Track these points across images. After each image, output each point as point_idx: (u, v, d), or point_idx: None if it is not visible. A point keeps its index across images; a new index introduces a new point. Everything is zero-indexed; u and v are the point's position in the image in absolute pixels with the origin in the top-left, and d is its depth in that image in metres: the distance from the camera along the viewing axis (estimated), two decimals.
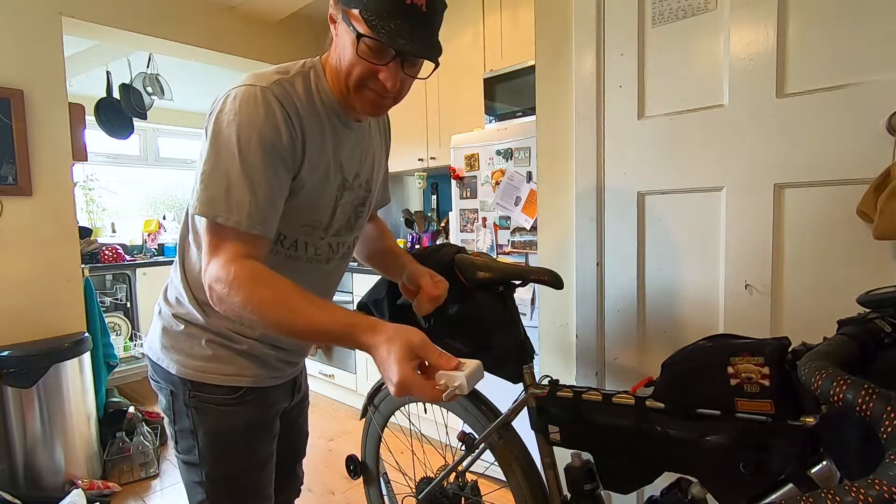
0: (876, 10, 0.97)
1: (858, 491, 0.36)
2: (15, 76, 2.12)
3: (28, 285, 2.18)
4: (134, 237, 4.21)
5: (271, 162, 0.75)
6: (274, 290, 0.72)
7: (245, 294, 0.71)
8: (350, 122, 0.87)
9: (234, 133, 0.73)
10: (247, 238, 0.75)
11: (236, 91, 0.76)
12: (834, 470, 0.67)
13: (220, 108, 0.76)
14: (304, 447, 1.17)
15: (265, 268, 0.75)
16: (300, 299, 0.72)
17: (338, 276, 1.02)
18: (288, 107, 0.77)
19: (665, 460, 0.85)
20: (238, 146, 0.73)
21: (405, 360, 0.63)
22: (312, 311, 0.70)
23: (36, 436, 2.05)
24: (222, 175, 0.74)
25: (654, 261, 1.30)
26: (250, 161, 0.74)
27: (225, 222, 0.74)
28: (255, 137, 0.74)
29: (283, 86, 0.78)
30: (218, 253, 0.75)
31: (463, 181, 2.35)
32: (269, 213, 0.77)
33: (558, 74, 1.43)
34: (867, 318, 0.65)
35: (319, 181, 0.84)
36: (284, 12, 3.04)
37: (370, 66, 0.76)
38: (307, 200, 0.84)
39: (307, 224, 0.87)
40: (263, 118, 0.74)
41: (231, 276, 0.72)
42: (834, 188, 1.03)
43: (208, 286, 0.75)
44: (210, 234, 0.76)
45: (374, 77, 0.77)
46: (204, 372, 0.89)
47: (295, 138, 0.78)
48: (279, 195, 0.79)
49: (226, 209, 0.74)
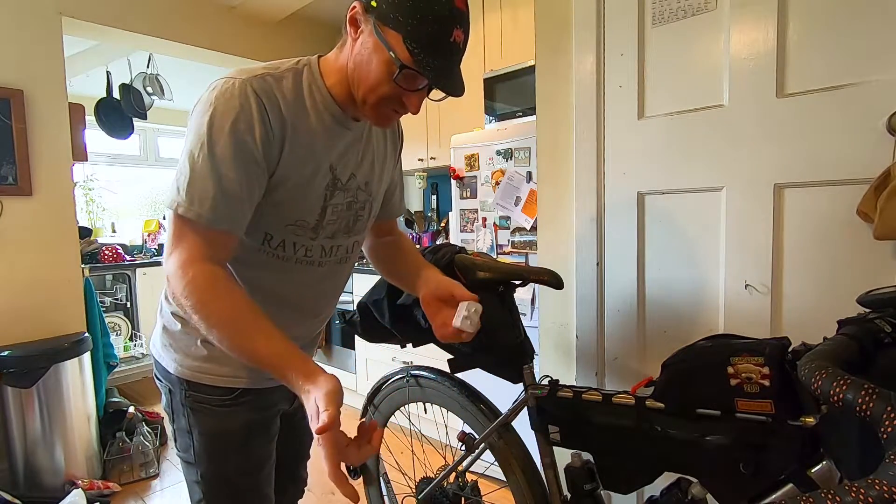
0: (876, 10, 0.97)
1: (858, 491, 0.36)
2: (15, 76, 2.12)
3: (28, 285, 2.18)
4: (134, 237, 4.21)
5: (241, 155, 0.73)
6: (227, 304, 0.70)
7: (196, 300, 0.70)
8: (347, 122, 0.85)
9: (206, 124, 0.72)
10: (210, 234, 0.73)
11: (216, 83, 0.75)
12: (834, 470, 0.67)
13: (199, 100, 0.75)
14: (308, 449, 1.16)
15: (226, 276, 0.73)
16: (251, 321, 0.70)
17: (336, 281, 0.99)
18: (267, 101, 0.75)
19: (665, 460, 0.85)
20: (209, 137, 0.72)
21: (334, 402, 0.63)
22: (257, 337, 0.69)
23: (36, 436, 2.05)
24: (190, 166, 0.72)
25: (654, 261, 1.30)
26: (219, 153, 0.72)
27: (185, 213, 0.72)
28: (226, 129, 0.72)
29: (267, 80, 0.76)
30: (179, 247, 0.73)
31: (463, 181, 2.35)
32: (235, 208, 0.74)
33: (558, 74, 1.43)
34: (867, 318, 0.65)
35: (305, 179, 0.82)
36: (284, 12, 3.04)
37: (400, 90, 0.75)
38: (290, 198, 0.82)
39: (293, 224, 0.84)
40: (237, 111, 0.72)
41: (188, 278, 0.70)
42: (834, 188, 1.03)
43: (166, 278, 0.74)
44: (173, 225, 0.74)
45: (398, 100, 0.77)
46: (200, 372, 0.88)
47: (270, 134, 0.76)
48: (248, 191, 0.76)
49: (188, 200, 0.72)
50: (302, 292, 0.92)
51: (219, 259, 0.75)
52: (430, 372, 1.26)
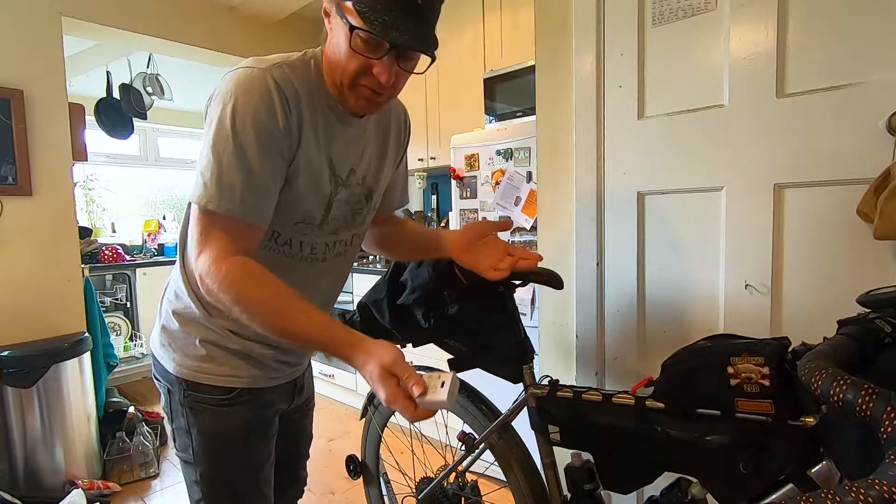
0: (876, 10, 0.97)
1: (858, 491, 0.36)
2: (15, 76, 2.12)
3: (28, 285, 2.18)
4: (134, 237, 4.21)
5: (266, 147, 0.73)
6: (265, 291, 0.72)
7: (235, 292, 0.71)
8: (346, 118, 0.85)
9: (229, 116, 0.72)
10: (238, 227, 0.74)
11: (234, 73, 0.75)
12: (834, 470, 0.67)
13: (217, 91, 0.75)
14: (307, 449, 1.16)
15: (256, 265, 0.73)
16: (290, 303, 0.71)
17: (336, 276, 0.99)
18: (287, 91, 0.75)
19: (665, 460, 0.85)
20: (232, 129, 0.71)
21: (384, 379, 0.65)
22: (299, 318, 0.71)
23: (36, 436, 2.05)
24: (215, 160, 0.72)
25: (654, 261, 1.30)
26: (244, 145, 0.72)
27: (216, 209, 0.72)
28: (249, 120, 0.72)
29: (284, 69, 0.76)
30: (208, 244, 0.73)
31: (463, 181, 2.35)
32: (262, 200, 0.75)
33: (558, 74, 1.43)
34: (867, 318, 0.65)
35: (314, 173, 0.82)
36: (284, 12, 3.04)
37: (364, 60, 0.73)
38: (301, 192, 0.82)
39: (301, 221, 0.85)
40: (259, 100, 0.72)
41: (222, 273, 0.71)
42: (834, 188, 1.03)
43: (199, 277, 0.74)
44: (200, 222, 0.74)
45: (368, 72, 0.75)
46: (199, 372, 0.88)
47: (291, 124, 0.76)
48: (273, 182, 0.76)
49: (217, 195, 0.72)
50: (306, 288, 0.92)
51: (247, 251, 0.75)
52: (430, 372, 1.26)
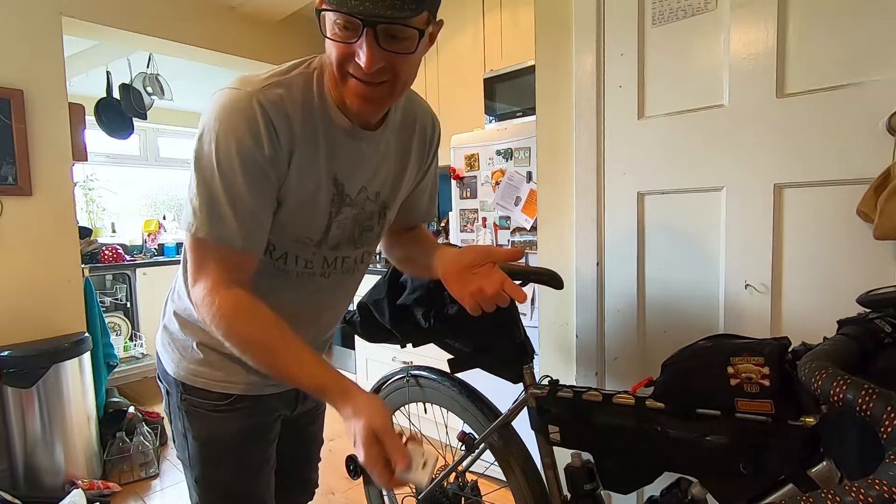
0: (876, 10, 0.97)
1: (858, 491, 0.36)
2: (15, 76, 2.12)
3: (28, 285, 2.18)
4: (134, 237, 4.21)
5: (251, 174, 0.71)
6: (255, 328, 0.71)
7: (226, 327, 0.71)
8: (356, 131, 0.79)
9: (213, 142, 0.69)
10: (232, 257, 0.73)
11: (220, 95, 0.72)
12: (834, 470, 0.67)
13: (204, 113, 0.72)
14: (316, 454, 1.15)
15: (249, 299, 0.73)
16: (281, 343, 0.71)
17: (344, 291, 0.97)
18: (274, 115, 0.71)
19: (665, 460, 0.85)
20: (216, 158, 0.69)
21: (369, 444, 0.64)
22: (290, 361, 0.71)
23: (36, 436, 2.05)
24: (204, 188, 0.71)
25: (654, 261, 1.30)
26: (229, 174, 0.70)
27: (206, 237, 0.71)
28: (234, 149, 0.69)
29: (274, 91, 0.72)
30: (202, 274, 0.73)
31: (463, 181, 2.35)
32: (252, 228, 0.74)
33: (558, 74, 1.43)
34: (867, 318, 0.65)
35: (309, 195, 0.78)
36: (284, 12, 3.03)
37: (343, 46, 0.67)
38: (295, 215, 0.79)
39: (296, 240, 0.82)
40: (244, 127, 0.69)
41: (215, 307, 0.71)
42: (834, 188, 1.03)
43: (195, 304, 0.74)
44: (194, 250, 0.74)
45: (351, 59, 0.68)
46: (195, 375, 0.87)
47: (279, 152, 0.72)
48: (262, 209, 0.74)
49: (208, 224, 0.71)
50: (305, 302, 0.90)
51: (241, 281, 0.74)
52: (430, 372, 1.26)
